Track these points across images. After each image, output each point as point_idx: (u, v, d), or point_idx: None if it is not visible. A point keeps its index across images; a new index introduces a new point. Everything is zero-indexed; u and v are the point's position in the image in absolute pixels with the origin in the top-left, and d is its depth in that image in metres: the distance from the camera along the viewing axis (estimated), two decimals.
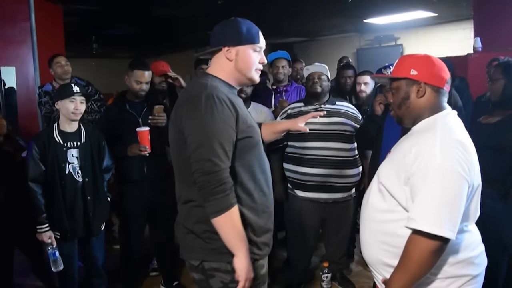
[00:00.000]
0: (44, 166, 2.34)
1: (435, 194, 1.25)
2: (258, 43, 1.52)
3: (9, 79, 4.06)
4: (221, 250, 1.44)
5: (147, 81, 2.75)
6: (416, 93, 1.42)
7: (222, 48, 1.50)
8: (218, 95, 1.40)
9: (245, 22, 1.51)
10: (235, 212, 1.38)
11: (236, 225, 1.39)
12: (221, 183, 1.35)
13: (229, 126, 1.39)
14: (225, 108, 1.39)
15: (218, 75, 1.52)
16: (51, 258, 2.33)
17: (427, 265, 1.27)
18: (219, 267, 1.47)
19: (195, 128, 1.38)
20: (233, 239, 1.40)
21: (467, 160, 1.29)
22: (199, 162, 1.36)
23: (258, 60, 1.53)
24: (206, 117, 1.37)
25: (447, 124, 1.38)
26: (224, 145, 1.37)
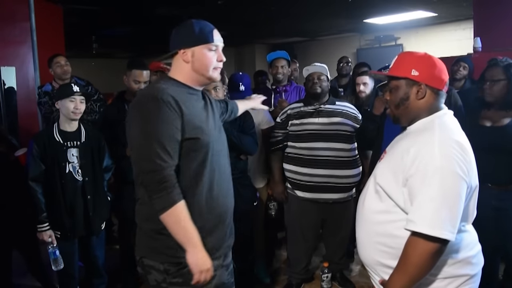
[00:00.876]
0: (44, 165, 2.35)
1: (435, 196, 1.24)
2: (213, 41, 1.53)
3: (9, 79, 4.06)
4: (159, 250, 1.49)
5: (146, 81, 2.75)
6: (416, 94, 1.40)
7: (178, 51, 1.53)
8: (163, 97, 1.42)
9: (198, 23, 1.53)
10: (180, 208, 1.40)
11: (182, 221, 1.41)
12: (163, 181, 1.38)
13: (170, 125, 1.41)
14: (167, 109, 1.41)
15: (177, 77, 1.55)
16: (52, 257, 2.34)
17: (426, 267, 1.27)
18: (154, 265, 1.51)
19: (135, 128, 1.43)
20: (181, 235, 1.42)
21: (465, 161, 1.29)
22: (140, 162, 1.41)
23: (215, 58, 1.54)
24: (145, 118, 1.41)
25: (445, 125, 1.37)
26: (164, 143, 1.39)
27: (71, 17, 5.35)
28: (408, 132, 1.45)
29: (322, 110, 2.72)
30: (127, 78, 2.74)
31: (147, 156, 1.39)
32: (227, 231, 1.63)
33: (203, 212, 1.51)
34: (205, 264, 1.45)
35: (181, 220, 1.41)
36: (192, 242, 1.43)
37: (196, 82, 1.57)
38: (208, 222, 1.53)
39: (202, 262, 1.44)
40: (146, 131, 1.40)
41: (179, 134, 1.43)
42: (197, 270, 1.44)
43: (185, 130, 1.45)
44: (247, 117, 2.72)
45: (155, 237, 1.49)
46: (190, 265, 1.43)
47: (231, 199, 1.67)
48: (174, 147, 1.41)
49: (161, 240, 1.47)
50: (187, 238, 1.42)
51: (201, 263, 1.44)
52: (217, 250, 1.57)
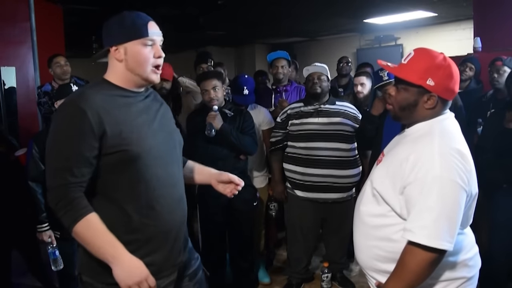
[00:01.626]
0: (44, 166, 2.34)
1: (433, 205, 1.22)
2: (147, 36, 1.32)
3: (9, 79, 4.06)
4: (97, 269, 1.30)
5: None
6: (425, 103, 1.34)
7: (110, 48, 1.34)
8: (80, 105, 1.25)
9: (130, 14, 1.35)
10: (83, 225, 1.23)
11: (89, 237, 1.24)
12: (57, 200, 1.24)
13: (79, 139, 1.23)
14: (81, 121, 1.23)
15: (111, 79, 1.36)
16: (51, 257, 2.34)
17: (423, 275, 1.26)
18: (91, 283, 1.34)
19: (49, 140, 1.28)
20: (95, 250, 1.24)
21: (465, 170, 1.26)
22: (47, 175, 1.27)
23: (151, 55, 1.34)
24: (55, 129, 1.28)
25: (445, 131, 1.33)
26: (68, 159, 1.23)
27: (71, 17, 5.35)
28: (407, 135, 1.41)
29: (322, 110, 2.72)
30: None
31: (47, 172, 1.26)
32: (175, 248, 1.44)
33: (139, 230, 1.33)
34: (135, 275, 1.23)
35: (88, 235, 1.23)
36: (110, 254, 1.23)
37: (132, 84, 1.37)
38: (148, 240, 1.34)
39: (129, 273, 1.23)
40: (51, 143, 1.27)
41: (92, 149, 1.25)
42: (128, 285, 1.23)
43: (107, 143, 1.27)
44: (247, 117, 2.72)
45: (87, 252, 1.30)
46: (119, 282, 1.23)
47: (181, 213, 1.46)
48: (76, 164, 1.24)
49: (97, 259, 1.28)
50: (102, 252, 1.23)
51: (128, 275, 1.23)
52: (165, 269, 1.40)
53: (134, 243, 1.31)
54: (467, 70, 3.62)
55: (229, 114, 2.66)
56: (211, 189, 2.79)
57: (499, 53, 3.66)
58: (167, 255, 1.41)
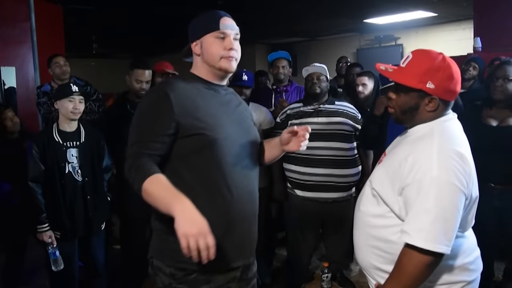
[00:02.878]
0: (44, 166, 2.34)
1: (431, 208, 1.20)
2: (219, 29, 1.41)
3: (9, 79, 4.06)
4: (165, 252, 1.42)
5: (147, 80, 2.75)
6: (426, 106, 1.32)
7: (191, 45, 1.48)
8: (165, 89, 1.38)
9: (209, 13, 1.46)
10: (150, 181, 1.24)
11: (155, 191, 1.24)
12: (129, 166, 1.31)
13: (157, 116, 1.35)
14: (163, 101, 1.35)
15: (195, 72, 1.50)
16: (51, 257, 2.34)
17: (420, 277, 1.25)
18: (161, 267, 1.43)
19: (134, 117, 1.42)
20: (161, 203, 1.23)
21: (464, 172, 1.24)
22: (129, 147, 1.36)
23: (222, 47, 1.41)
24: (139, 108, 1.41)
25: (445, 132, 1.32)
26: (144, 133, 1.35)
27: (71, 17, 5.35)
28: (408, 135, 1.40)
29: (322, 110, 2.72)
30: (129, 77, 2.74)
31: (128, 145, 1.36)
32: (245, 243, 1.48)
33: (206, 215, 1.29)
34: (195, 226, 1.13)
35: (154, 190, 1.24)
36: (175, 203, 1.18)
37: (212, 75, 1.47)
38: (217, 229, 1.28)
39: (190, 223, 1.13)
40: (135, 119, 1.40)
41: (169, 128, 1.34)
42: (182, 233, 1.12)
43: (186, 125, 1.35)
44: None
45: (163, 237, 1.42)
46: (178, 232, 1.13)
47: (251, 207, 1.48)
48: (153, 138, 1.33)
49: (168, 242, 1.38)
50: (167, 202, 1.20)
51: (188, 224, 1.13)
52: (232, 260, 1.43)
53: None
54: (471, 70, 3.62)
55: None
56: None
57: (499, 53, 3.66)
58: (235, 248, 1.43)
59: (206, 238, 1.13)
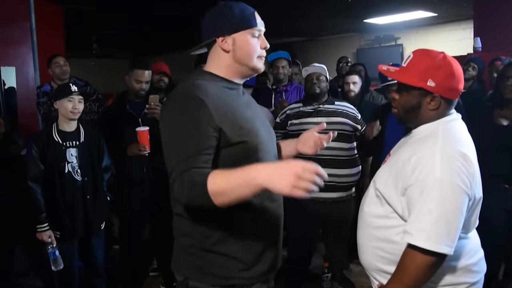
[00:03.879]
0: (44, 166, 2.35)
1: (433, 208, 1.20)
2: (256, 26, 1.31)
3: (9, 79, 4.06)
4: (204, 270, 1.28)
5: (147, 81, 2.75)
6: (429, 104, 1.32)
7: (216, 39, 1.31)
8: (198, 95, 1.22)
9: (237, 5, 1.31)
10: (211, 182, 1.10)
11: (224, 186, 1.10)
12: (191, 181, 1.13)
13: (201, 128, 1.20)
14: (202, 110, 1.21)
15: (215, 71, 1.34)
16: (51, 257, 2.34)
17: (423, 278, 1.24)
18: (201, 286, 1.29)
19: (167, 127, 1.24)
20: (238, 191, 1.09)
21: (468, 173, 1.24)
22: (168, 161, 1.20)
23: (259, 45, 1.32)
24: (175, 119, 1.22)
25: (449, 132, 1.31)
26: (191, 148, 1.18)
27: (71, 17, 5.35)
28: (413, 136, 1.40)
29: (321, 110, 2.72)
30: (128, 77, 2.74)
31: (170, 162, 1.19)
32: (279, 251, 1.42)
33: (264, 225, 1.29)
34: (288, 170, 1.03)
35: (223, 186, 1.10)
36: (253, 178, 1.06)
37: (238, 75, 1.35)
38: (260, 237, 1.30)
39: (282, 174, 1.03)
40: (174, 132, 1.21)
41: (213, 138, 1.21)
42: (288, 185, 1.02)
43: (227, 133, 1.23)
44: None
45: (198, 254, 1.28)
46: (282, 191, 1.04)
47: (281, 211, 1.41)
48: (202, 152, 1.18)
49: (210, 259, 1.26)
50: (245, 185, 1.08)
51: (282, 177, 1.03)
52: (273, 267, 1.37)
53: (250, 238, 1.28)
54: (470, 70, 3.62)
55: None
56: None
57: (499, 53, 3.66)
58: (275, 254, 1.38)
59: (306, 166, 1.03)
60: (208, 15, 1.34)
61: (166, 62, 3.43)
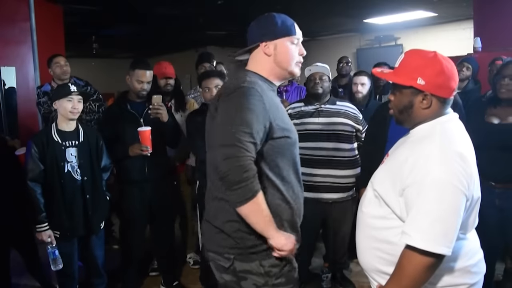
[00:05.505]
0: (43, 165, 2.34)
1: (431, 209, 1.20)
2: (295, 34, 1.51)
3: (9, 79, 4.05)
4: (252, 251, 1.43)
5: (149, 81, 2.75)
6: (421, 103, 1.33)
7: (260, 44, 1.49)
8: (256, 88, 1.40)
9: (279, 16, 1.52)
10: (260, 198, 1.35)
11: (264, 210, 1.37)
12: (244, 170, 1.31)
13: (260, 120, 1.36)
14: (260, 103, 1.37)
15: (257, 71, 1.51)
16: (51, 257, 2.33)
17: (420, 280, 1.24)
18: (251, 269, 1.44)
19: (226, 116, 1.37)
20: (262, 223, 1.38)
21: (466, 173, 1.23)
22: (224, 147, 1.33)
23: (297, 52, 1.52)
24: (238, 107, 1.36)
25: (447, 132, 1.31)
26: (253, 135, 1.34)
27: (71, 17, 5.35)
28: (410, 136, 1.40)
29: (323, 110, 2.72)
30: (130, 77, 2.74)
31: (233, 141, 1.32)
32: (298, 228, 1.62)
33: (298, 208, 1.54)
34: (291, 244, 1.45)
35: (263, 208, 1.36)
36: (274, 227, 1.40)
37: (277, 77, 1.54)
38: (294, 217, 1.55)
39: (289, 242, 1.44)
40: (238, 118, 1.34)
41: (264, 130, 1.38)
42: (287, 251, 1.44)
43: (274, 127, 1.41)
44: None
45: (246, 237, 1.43)
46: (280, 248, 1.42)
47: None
48: (257, 141, 1.36)
49: (255, 241, 1.43)
50: (269, 225, 1.39)
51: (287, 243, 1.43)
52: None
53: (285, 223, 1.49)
54: (464, 70, 3.62)
55: None
56: None
57: (499, 53, 3.66)
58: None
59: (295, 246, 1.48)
60: (254, 23, 1.54)
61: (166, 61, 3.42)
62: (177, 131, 2.88)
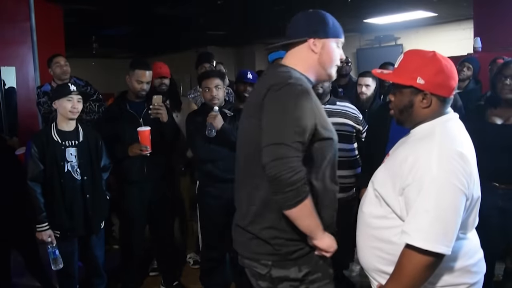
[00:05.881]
0: (43, 165, 2.35)
1: (430, 208, 1.20)
2: (342, 38, 1.50)
3: (9, 79, 4.05)
4: (291, 257, 1.43)
5: (148, 81, 2.75)
6: (421, 102, 1.33)
7: (308, 39, 1.44)
8: (304, 86, 1.36)
9: (330, 16, 1.49)
10: (309, 200, 1.33)
11: (312, 212, 1.35)
12: (296, 171, 1.27)
13: (308, 119, 1.33)
14: (309, 102, 1.34)
15: (297, 67, 1.45)
16: (51, 256, 2.33)
17: (420, 279, 1.24)
18: (289, 274, 1.43)
19: (275, 113, 1.32)
20: (312, 225, 1.37)
21: (465, 172, 1.23)
22: (273, 146, 1.28)
23: (339, 56, 1.49)
24: (289, 105, 1.31)
25: (446, 132, 1.31)
26: (302, 134, 1.31)
27: (71, 17, 5.35)
28: (410, 136, 1.40)
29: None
30: (129, 77, 2.74)
31: (283, 139, 1.28)
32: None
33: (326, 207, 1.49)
34: (334, 246, 1.45)
35: (312, 210, 1.35)
36: (321, 229, 1.40)
37: (316, 76, 1.49)
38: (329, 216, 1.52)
39: (332, 244, 1.44)
40: (290, 116, 1.30)
41: (311, 131, 1.35)
42: (331, 251, 1.44)
43: (319, 128, 1.38)
44: None
45: (284, 244, 1.42)
46: (324, 249, 1.43)
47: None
48: (305, 141, 1.33)
49: (296, 246, 1.43)
50: (316, 226, 1.38)
51: (332, 245, 1.44)
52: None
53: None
54: (465, 70, 3.63)
55: (228, 114, 2.67)
56: (211, 189, 2.78)
57: (499, 53, 3.67)
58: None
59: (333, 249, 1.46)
60: (303, 16, 1.49)
61: (166, 62, 3.43)
62: (176, 131, 2.89)
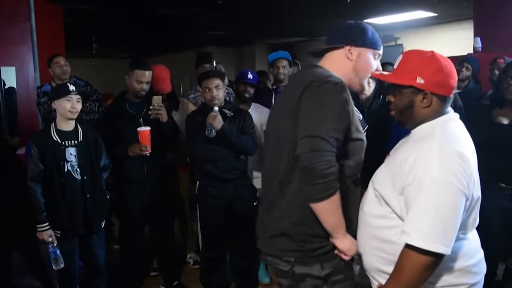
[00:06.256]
0: (43, 165, 2.35)
1: (430, 208, 1.20)
2: (379, 50, 1.53)
3: (9, 79, 4.06)
4: (314, 254, 1.43)
5: (148, 81, 2.75)
6: (421, 102, 1.34)
7: (345, 46, 1.49)
8: (343, 85, 1.39)
9: (369, 27, 1.53)
10: (337, 196, 1.34)
11: (338, 209, 1.36)
12: (330, 165, 1.29)
13: (344, 118, 1.36)
14: (346, 101, 1.37)
15: (334, 70, 1.48)
16: (52, 256, 2.33)
17: (420, 279, 1.24)
18: (311, 271, 1.44)
19: (314, 107, 1.35)
20: (335, 222, 1.38)
21: (465, 173, 1.23)
22: (310, 138, 1.30)
23: (375, 67, 1.52)
24: (329, 100, 1.34)
25: (446, 132, 1.31)
26: (339, 131, 1.34)
27: (71, 17, 5.35)
28: (411, 136, 1.41)
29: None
30: (129, 77, 2.74)
31: (321, 133, 1.30)
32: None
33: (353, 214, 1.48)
34: (354, 248, 1.43)
35: (338, 206, 1.35)
36: (344, 229, 1.40)
37: (348, 83, 1.50)
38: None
39: (353, 246, 1.43)
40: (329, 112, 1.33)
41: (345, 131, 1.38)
42: (351, 255, 1.43)
43: (352, 128, 1.41)
44: (247, 117, 2.72)
45: (309, 240, 1.43)
46: (343, 250, 1.42)
47: None
48: (341, 138, 1.35)
49: (320, 243, 1.43)
50: (340, 224, 1.38)
51: (352, 247, 1.42)
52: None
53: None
54: (464, 70, 3.63)
55: (228, 114, 2.67)
56: (211, 189, 2.78)
57: (499, 53, 3.67)
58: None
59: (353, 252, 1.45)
60: (343, 25, 1.54)
61: (166, 62, 3.43)
62: (176, 132, 2.89)
